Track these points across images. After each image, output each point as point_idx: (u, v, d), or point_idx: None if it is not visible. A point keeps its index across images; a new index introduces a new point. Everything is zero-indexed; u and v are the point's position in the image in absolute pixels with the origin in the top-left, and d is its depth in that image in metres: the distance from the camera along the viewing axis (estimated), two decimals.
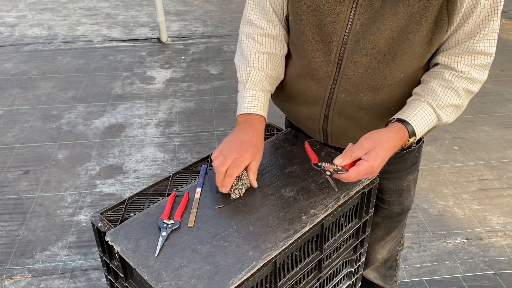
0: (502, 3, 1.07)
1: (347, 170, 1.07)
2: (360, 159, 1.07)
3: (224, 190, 1.14)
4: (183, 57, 4.56)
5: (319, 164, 1.14)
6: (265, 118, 1.25)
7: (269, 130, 1.51)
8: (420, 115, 1.13)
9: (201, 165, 1.32)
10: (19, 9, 5.88)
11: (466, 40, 1.12)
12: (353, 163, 1.09)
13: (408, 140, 1.13)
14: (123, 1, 6.14)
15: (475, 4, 1.05)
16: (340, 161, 1.07)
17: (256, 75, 1.26)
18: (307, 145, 1.28)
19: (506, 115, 3.55)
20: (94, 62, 4.44)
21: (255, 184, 1.17)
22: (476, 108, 3.62)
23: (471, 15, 1.07)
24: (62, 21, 5.49)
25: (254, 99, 1.24)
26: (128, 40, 4.96)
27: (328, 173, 1.12)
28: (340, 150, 1.31)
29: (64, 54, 4.63)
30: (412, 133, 1.12)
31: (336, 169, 1.08)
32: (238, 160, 1.13)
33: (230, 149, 1.15)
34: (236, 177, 1.15)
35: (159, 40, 4.92)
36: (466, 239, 2.44)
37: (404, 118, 1.13)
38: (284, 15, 1.28)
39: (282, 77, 1.35)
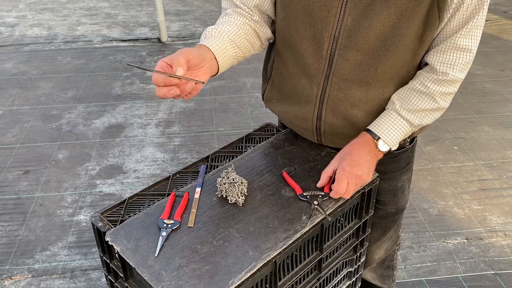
0: (488, 0, 1.09)
1: (328, 193, 1.17)
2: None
3: (157, 87, 1.00)
4: None
5: (304, 194, 1.18)
6: (210, 50, 1.13)
7: (269, 130, 1.51)
8: (384, 121, 1.22)
9: (201, 165, 1.32)
10: (19, 9, 5.88)
11: (452, 34, 1.13)
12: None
13: (376, 141, 1.21)
14: (123, 1, 6.14)
15: (463, 0, 1.07)
16: (320, 182, 1.20)
17: (216, 29, 1.21)
18: (285, 175, 1.24)
19: (506, 115, 3.55)
20: (94, 62, 4.44)
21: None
22: (476, 108, 3.62)
23: (458, 10, 1.08)
24: (62, 21, 5.49)
25: (206, 40, 1.17)
26: (128, 40, 4.96)
27: (316, 202, 1.15)
28: (337, 150, 1.32)
29: (64, 54, 4.63)
30: (376, 136, 1.21)
31: (320, 195, 1.17)
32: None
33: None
34: (230, 182, 1.16)
35: (159, 40, 4.92)
36: (466, 239, 2.44)
37: (368, 128, 1.23)
38: (259, 10, 1.26)
39: (253, 49, 1.30)
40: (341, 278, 1.35)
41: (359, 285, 1.49)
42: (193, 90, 1.02)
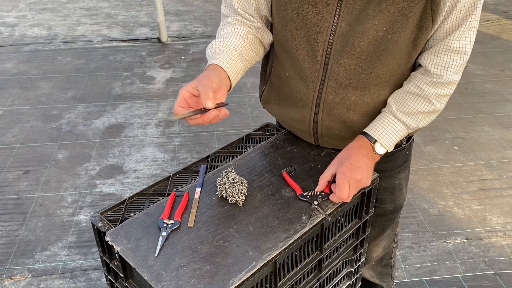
0: (482, 2, 1.09)
1: (328, 194, 1.17)
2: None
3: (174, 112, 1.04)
4: (183, 57, 4.56)
5: (304, 194, 1.18)
6: (223, 69, 1.15)
7: (269, 130, 1.51)
8: (380, 124, 1.22)
9: (201, 165, 1.32)
10: (19, 9, 5.88)
11: (445, 37, 1.13)
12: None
13: (373, 144, 1.21)
14: (123, 1, 6.14)
15: (456, 3, 1.07)
16: (318, 187, 1.19)
17: (223, 43, 1.22)
18: (285, 175, 1.25)
19: (506, 115, 3.55)
20: (94, 62, 4.44)
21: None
22: (476, 108, 3.62)
23: (451, 13, 1.08)
24: (62, 21, 5.49)
25: (216, 56, 1.18)
26: (128, 40, 4.96)
27: (316, 202, 1.15)
28: (336, 150, 1.33)
29: (64, 54, 4.63)
30: (372, 139, 1.21)
31: (320, 195, 1.17)
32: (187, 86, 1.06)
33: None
34: (230, 182, 1.16)
35: (159, 40, 4.92)
36: (466, 239, 2.44)
37: (365, 130, 1.24)
38: (259, 15, 1.27)
39: (257, 57, 1.31)
40: (341, 278, 1.35)
41: (359, 285, 1.49)
42: (223, 116, 1.07)
